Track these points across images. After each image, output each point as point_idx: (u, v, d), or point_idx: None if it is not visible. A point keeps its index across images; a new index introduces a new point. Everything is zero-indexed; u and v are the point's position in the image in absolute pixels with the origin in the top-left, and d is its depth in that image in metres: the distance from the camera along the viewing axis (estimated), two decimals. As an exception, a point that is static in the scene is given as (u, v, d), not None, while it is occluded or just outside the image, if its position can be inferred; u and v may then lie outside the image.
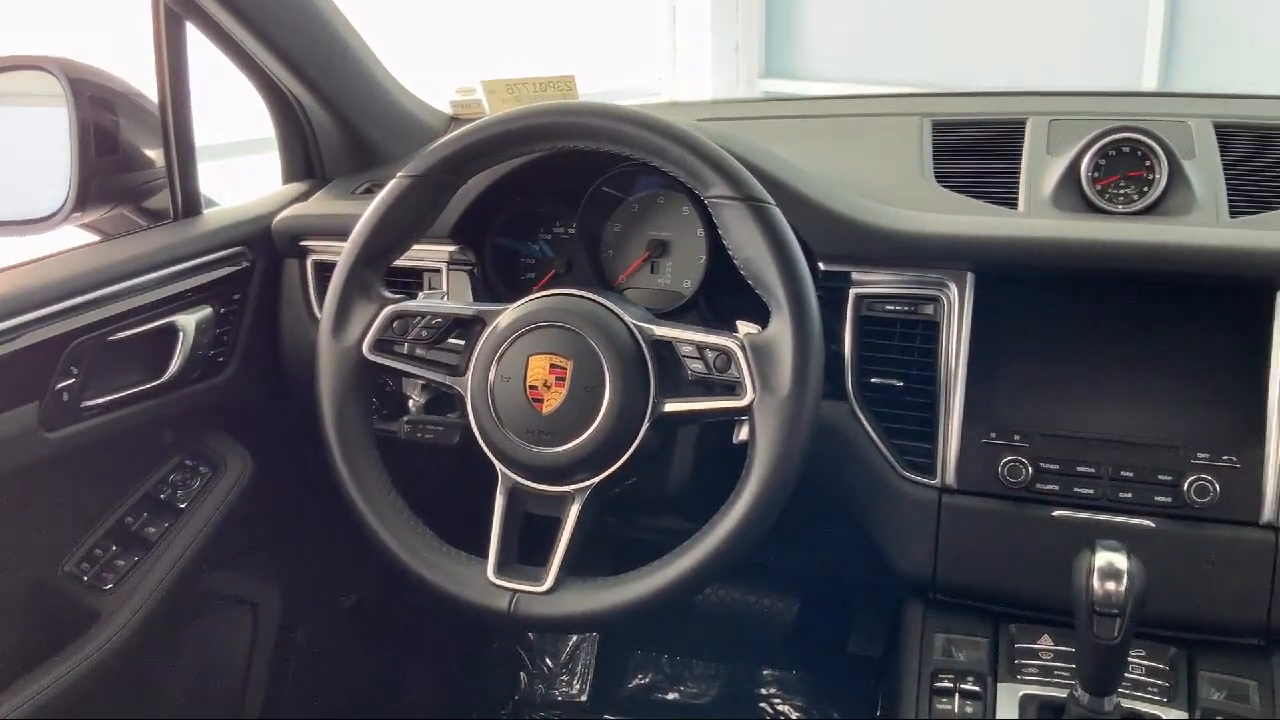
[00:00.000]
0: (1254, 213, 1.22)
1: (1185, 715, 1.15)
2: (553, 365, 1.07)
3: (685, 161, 1.06)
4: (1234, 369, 1.17)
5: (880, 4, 4.97)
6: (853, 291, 1.26)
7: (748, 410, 1.02)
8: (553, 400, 1.07)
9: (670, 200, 1.39)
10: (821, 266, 1.26)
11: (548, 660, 2.11)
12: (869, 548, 1.31)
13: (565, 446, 1.06)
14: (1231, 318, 1.17)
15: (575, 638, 2.12)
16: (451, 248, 1.42)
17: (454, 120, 1.75)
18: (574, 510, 1.07)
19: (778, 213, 1.05)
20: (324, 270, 1.51)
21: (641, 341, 1.07)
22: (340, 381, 1.14)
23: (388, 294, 1.17)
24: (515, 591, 1.06)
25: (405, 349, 1.15)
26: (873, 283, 1.26)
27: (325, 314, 1.15)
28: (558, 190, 1.42)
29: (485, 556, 1.08)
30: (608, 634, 2.11)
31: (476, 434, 1.11)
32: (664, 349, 1.07)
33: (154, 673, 1.51)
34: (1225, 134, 1.33)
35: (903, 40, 4.89)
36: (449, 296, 1.42)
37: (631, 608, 1.03)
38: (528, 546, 1.11)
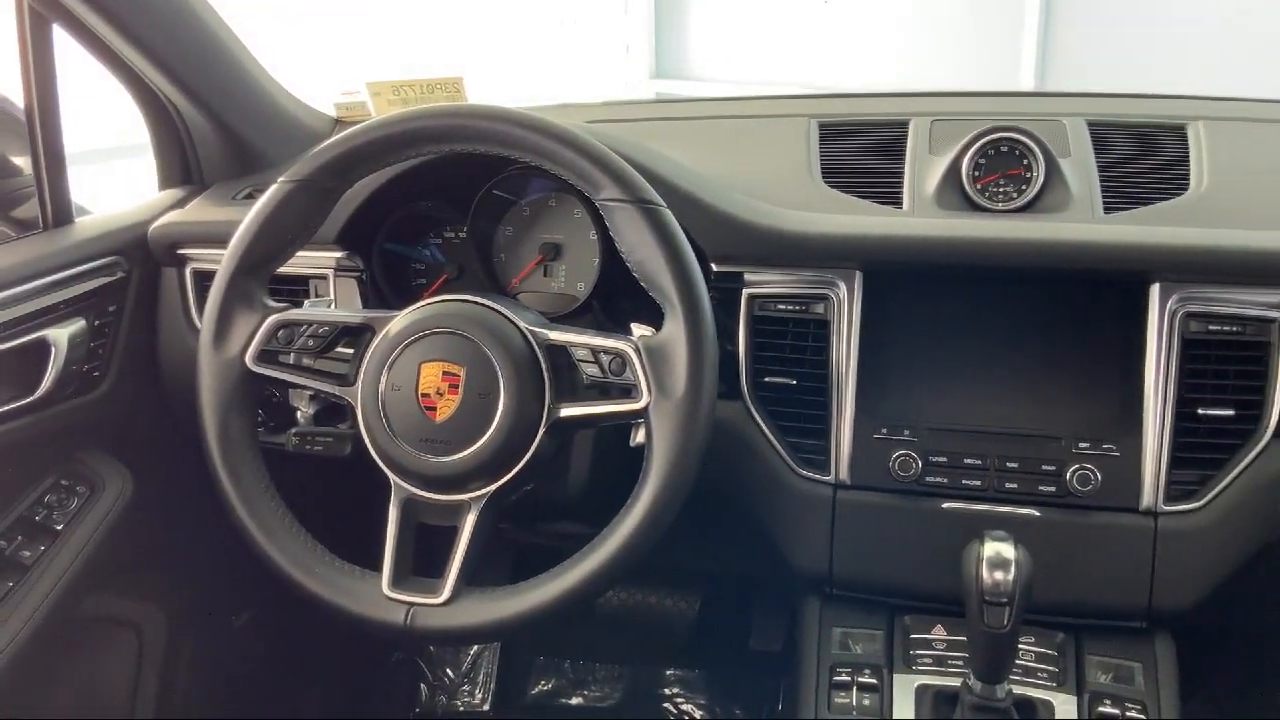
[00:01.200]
0: (1127, 208, 1.27)
1: (1074, 699, 1.19)
2: (445, 372, 1.06)
3: (575, 164, 1.05)
4: (1112, 360, 1.21)
5: (768, 5, 5.04)
6: (745, 292, 1.27)
7: (644, 413, 1.02)
8: (446, 408, 1.05)
9: (562, 203, 1.38)
10: (714, 267, 1.26)
11: (449, 671, 2.08)
12: (767, 545, 1.33)
13: (460, 455, 1.04)
14: (1108, 311, 1.22)
15: (476, 647, 2.10)
16: (338, 254, 1.39)
17: (338, 123, 1.71)
18: (470, 519, 1.05)
19: (669, 215, 1.05)
20: (204, 279, 1.46)
21: (535, 346, 1.06)
22: (223, 394, 1.10)
23: (271, 303, 1.13)
24: (411, 604, 1.04)
25: (291, 359, 1.12)
26: (765, 283, 1.27)
27: (205, 324, 1.12)
28: (448, 194, 1.40)
29: (380, 570, 1.06)
30: (508, 642, 2.09)
31: (368, 444, 1.09)
32: (558, 353, 1.06)
33: (33, 702, 1.45)
34: (1099, 132, 1.38)
35: (790, 41, 4.96)
36: (336, 304, 1.39)
37: (531, 616, 1.02)
38: (425, 558, 1.09)
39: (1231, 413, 1.17)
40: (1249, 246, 1.18)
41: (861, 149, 1.42)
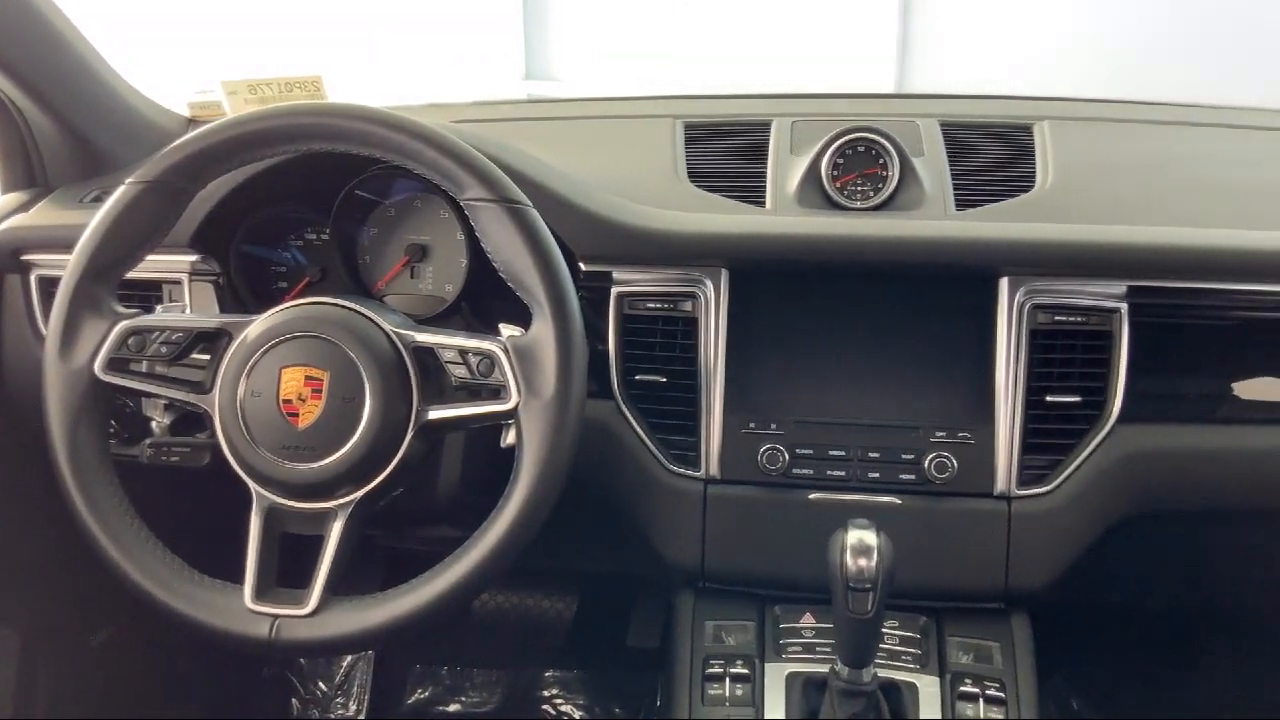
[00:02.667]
0: (977, 205, 1.32)
1: (937, 679, 1.23)
2: (308, 377, 1.03)
3: (438, 164, 1.04)
4: (966, 351, 1.26)
5: (634, 6, 5.07)
6: (614, 290, 1.28)
7: (513, 414, 1.01)
8: (309, 414, 1.03)
9: (428, 203, 1.36)
10: (583, 267, 1.26)
11: (320, 683, 2.04)
12: (641, 542, 1.33)
13: (324, 461, 1.02)
14: (962, 304, 1.26)
15: (350, 657, 2.06)
16: (192, 257, 1.34)
17: (192, 122, 1.66)
18: (337, 527, 1.03)
19: (535, 214, 1.05)
20: (49, 286, 1.39)
21: (402, 349, 1.05)
22: (71, 405, 1.05)
23: (121, 309, 1.09)
24: (276, 616, 1.01)
25: (144, 367, 1.08)
26: (633, 282, 1.28)
27: (51, 333, 1.07)
28: (308, 194, 1.37)
29: (242, 582, 1.03)
30: (382, 650, 2.05)
31: (227, 453, 1.06)
32: (426, 355, 1.05)
33: None
34: (950, 132, 1.44)
35: (656, 42, 5.01)
36: (192, 309, 1.34)
37: (400, 624, 1.01)
38: (294, 568, 1.06)
39: (1078, 399, 1.23)
40: (1090, 240, 1.24)
41: (725, 149, 1.45)
